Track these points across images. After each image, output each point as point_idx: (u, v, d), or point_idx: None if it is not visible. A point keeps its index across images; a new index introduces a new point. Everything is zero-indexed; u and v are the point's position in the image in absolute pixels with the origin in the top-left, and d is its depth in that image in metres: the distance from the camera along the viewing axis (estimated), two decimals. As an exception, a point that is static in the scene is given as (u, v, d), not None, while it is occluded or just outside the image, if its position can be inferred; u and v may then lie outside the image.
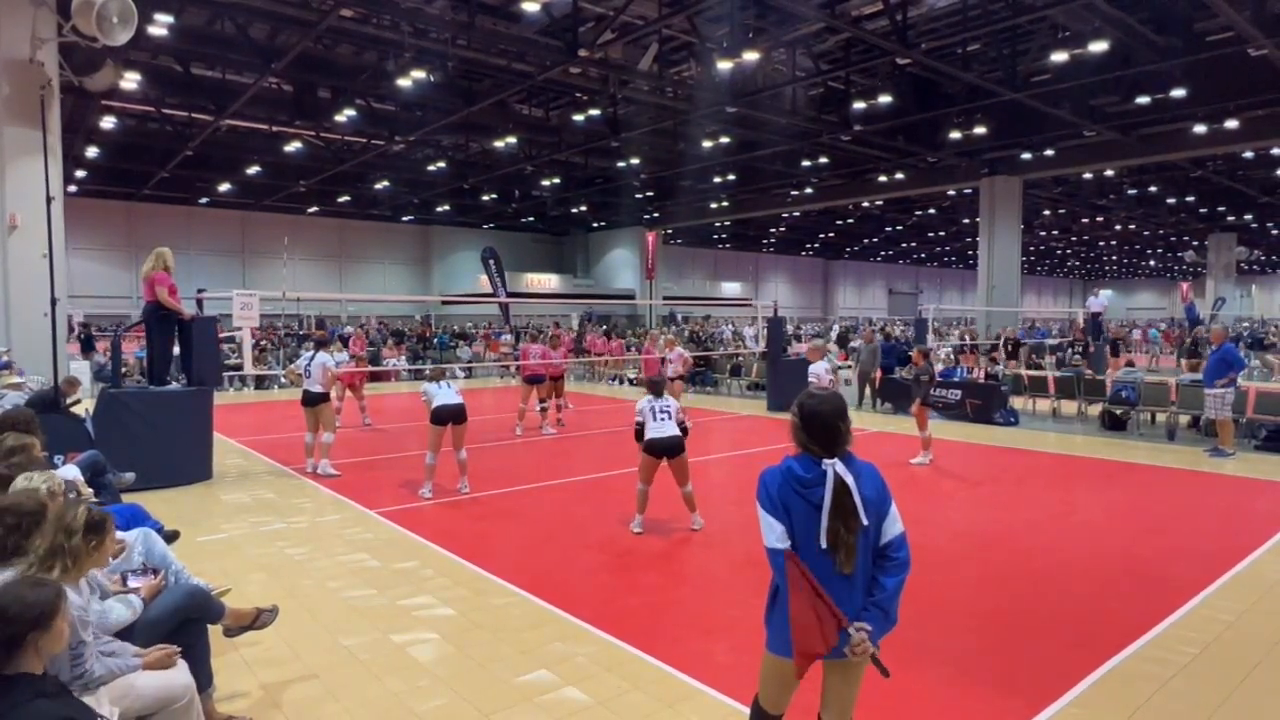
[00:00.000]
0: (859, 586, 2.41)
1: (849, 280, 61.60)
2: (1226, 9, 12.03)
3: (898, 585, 2.41)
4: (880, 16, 14.34)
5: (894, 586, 2.40)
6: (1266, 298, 59.99)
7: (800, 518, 2.40)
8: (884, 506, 2.45)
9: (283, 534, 6.72)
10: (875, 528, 2.43)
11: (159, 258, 8.63)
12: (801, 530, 2.40)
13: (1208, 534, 6.71)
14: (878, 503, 2.43)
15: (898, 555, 2.43)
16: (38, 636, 2.15)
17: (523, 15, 14.59)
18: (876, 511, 2.42)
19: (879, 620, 2.39)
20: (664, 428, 6.44)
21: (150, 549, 3.74)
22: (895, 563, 2.42)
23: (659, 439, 6.42)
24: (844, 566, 2.37)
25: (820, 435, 2.47)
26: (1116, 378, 13.45)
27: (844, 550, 2.37)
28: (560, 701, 3.74)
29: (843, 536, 2.36)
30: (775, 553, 2.41)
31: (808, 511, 2.40)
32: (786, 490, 2.43)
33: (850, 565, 2.38)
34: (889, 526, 2.44)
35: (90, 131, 20.51)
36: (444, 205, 34.42)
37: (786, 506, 2.42)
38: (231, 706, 3.65)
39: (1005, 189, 25.66)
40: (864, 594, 2.42)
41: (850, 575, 2.39)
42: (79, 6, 8.80)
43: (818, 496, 2.39)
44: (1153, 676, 4.01)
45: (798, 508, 2.41)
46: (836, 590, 2.36)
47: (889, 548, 2.43)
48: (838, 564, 2.37)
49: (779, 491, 2.44)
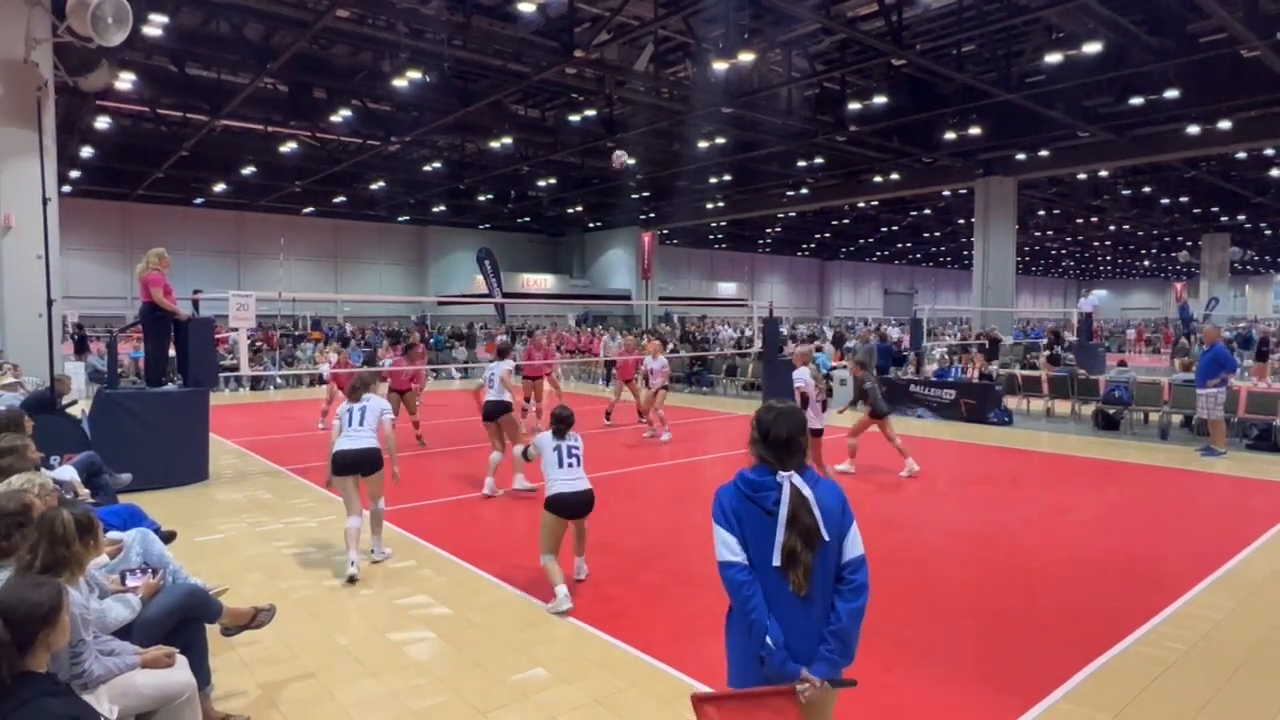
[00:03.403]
0: (816, 611, 2.25)
1: (845, 280, 61.75)
2: (1219, 10, 12.11)
3: (855, 613, 2.23)
4: (875, 17, 14.39)
5: (850, 614, 2.23)
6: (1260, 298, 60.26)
7: (753, 528, 2.27)
8: (845, 522, 2.30)
9: (279, 534, 6.74)
10: (836, 546, 2.27)
11: (153, 258, 8.63)
12: (755, 542, 2.26)
13: (1199, 532, 6.76)
14: (839, 515, 2.29)
15: (854, 578, 2.26)
16: (47, 634, 2.20)
17: (519, 16, 14.61)
18: (838, 525, 2.28)
19: (836, 652, 2.22)
20: (575, 479, 5.05)
21: (148, 549, 3.75)
22: (852, 586, 2.25)
23: (569, 494, 5.00)
24: (800, 588, 2.22)
25: (776, 447, 2.36)
26: (1110, 378, 13.52)
27: (800, 569, 2.22)
28: (557, 700, 3.77)
29: (799, 553, 2.21)
30: (726, 565, 2.26)
31: (760, 520, 2.27)
32: (738, 499, 2.32)
33: (805, 586, 2.22)
34: (848, 546, 2.28)
35: (85, 131, 20.48)
36: (440, 205, 34.43)
37: (739, 516, 2.29)
38: (229, 705, 3.67)
39: (1000, 189, 25.76)
40: (821, 621, 2.24)
41: (805, 597, 2.23)
42: (74, 6, 8.79)
43: (770, 501, 2.27)
44: (1143, 673, 4.06)
45: (750, 516, 2.28)
46: (791, 614, 2.23)
47: (847, 569, 2.27)
48: (793, 584, 2.22)
49: (730, 502, 2.33)
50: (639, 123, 20.55)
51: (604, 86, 18.63)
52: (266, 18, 14.48)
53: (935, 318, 37.04)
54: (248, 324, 9.12)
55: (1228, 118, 19.27)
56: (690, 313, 43.80)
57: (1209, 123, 19.77)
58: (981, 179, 25.78)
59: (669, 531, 6.91)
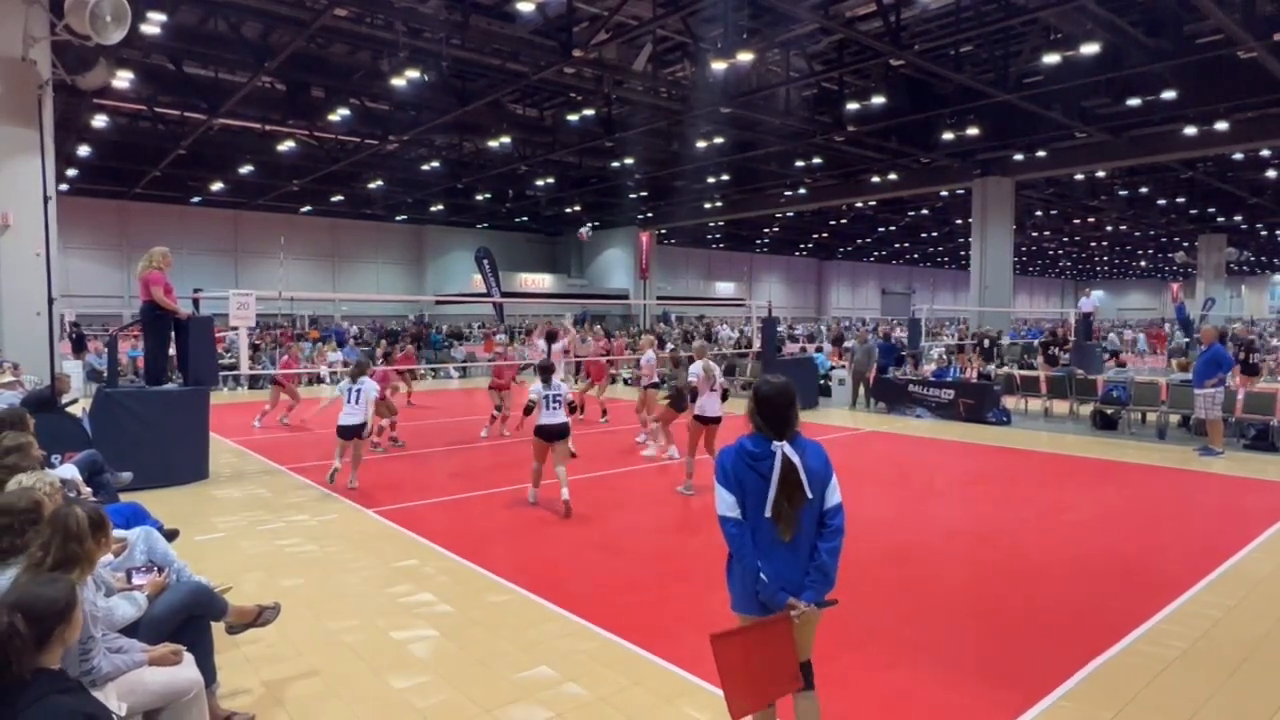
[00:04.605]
0: (801, 552, 2.74)
1: (842, 280, 61.80)
2: (1216, 12, 12.14)
3: (833, 550, 2.74)
4: (874, 18, 14.41)
5: (829, 552, 2.73)
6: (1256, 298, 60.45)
7: (752, 491, 2.72)
8: (827, 478, 2.77)
9: (281, 532, 6.73)
10: (819, 499, 2.75)
11: (153, 257, 8.62)
12: (752, 501, 2.72)
13: (1197, 532, 6.80)
14: (823, 474, 2.76)
15: (833, 522, 2.76)
16: (63, 629, 2.22)
17: (517, 15, 14.60)
18: (821, 483, 2.75)
19: (819, 582, 2.72)
20: (554, 415, 7.37)
21: (152, 547, 3.76)
22: (831, 529, 2.75)
23: (548, 425, 7.37)
24: (784, 534, 2.71)
25: (772, 418, 2.76)
26: (1108, 378, 13.56)
27: (784, 520, 2.69)
28: (561, 697, 3.78)
29: (785, 509, 2.69)
30: (724, 520, 2.76)
31: (758, 484, 2.71)
32: (740, 465, 2.74)
33: (790, 533, 2.71)
34: (829, 495, 2.77)
35: (82, 130, 20.41)
36: (438, 205, 34.39)
37: (740, 480, 2.73)
38: (234, 703, 3.68)
39: (997, 190, 25.81)
40: (806, 559, 2.73)
41: (790, 542, 2.72)
42: (72, 5, 8.78)
43: (766, 469, 2.70)
44: (1143, 671, 4.08)
45: (750, 481, 2.72)
46: (779, 554, 2.72)
47: (827, 515, 2.76)
48: (779, 532, 2.71)
49: (733, 467, 2.76)
50: (637, 122, 20.55)
51: (602, 86, 18.62)
52: (264, 16, 14.45)
53: (933, 318, 37.09)
54: (248, 323, 9.12)
55: (1225, 119, 19.31)
56: (688, 312, 43.82)
57: (1206, 123, 19.81)
58: (979, 179, 25.82)
59: (670, 531, 6.92)
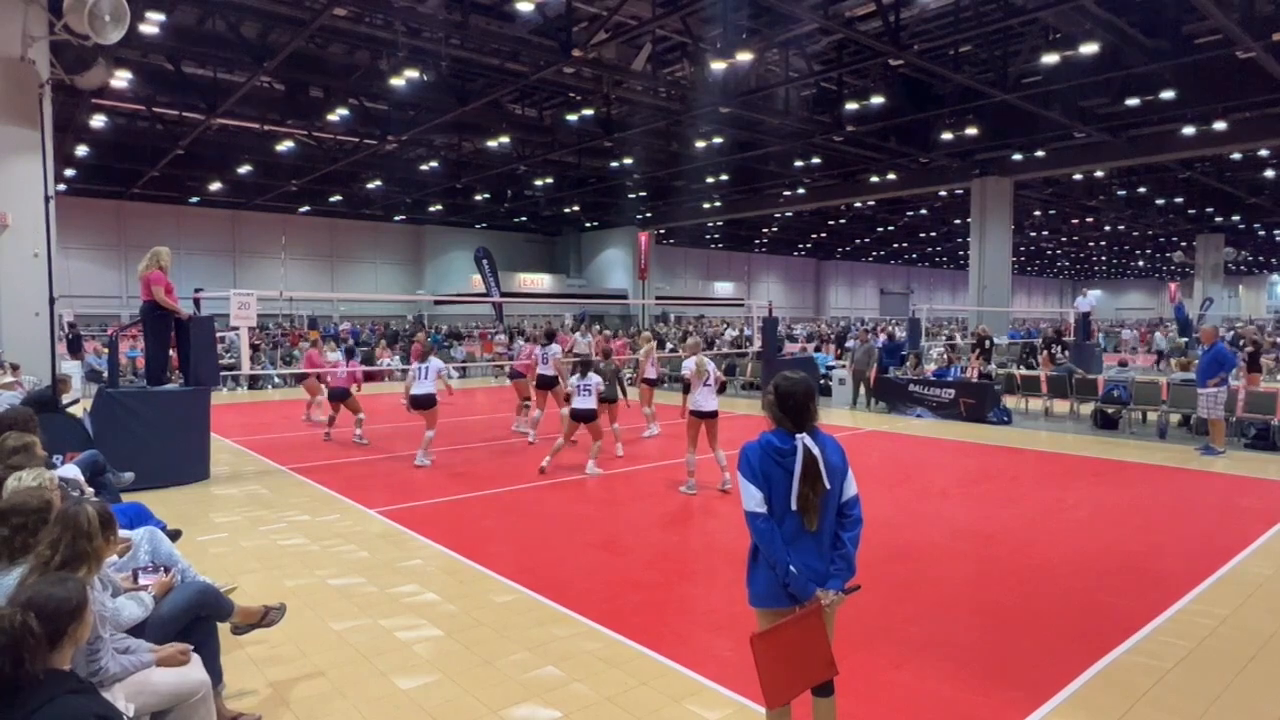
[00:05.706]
0: (825, 540, 2.85)
1: (841, 280, 61.83)
2: (1215, 12, 12.16)
3: (854, 539, 2.87)
4: (873, 18, 14.41)
5: (851, 540, 2.86)
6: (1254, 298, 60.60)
7: (778, 484, 2.81)
8: (844, 472, 2.89)
9: (283, 533, 6.72)
10: (838, 489, 2.86)
11: (154, 257, 8.59)
12: (778, 494, 2.81)
13: (1199, 531, 6.80)
14: (841, 468, 2.87)
15: (852, 513, 2.89)
16: (75, 628, 2.22)
17: (516, 15, 14.59)
18: (840, 475, 2.87)
19: (844, 570, 2.84)
20: (585, 401, 8.88)
21: (157, 547, 3.74)
22: (851, 519, 2.88)
23: (579, 409, 8.93)
24: (809, 524, 2.80)
25: (793, 412, 2.85)
26: (1109, 377, 13.57)
27: (810, 511, 2.79)
28: (568, 697, 3.77)
29: (810, 499, 2.79)
30: (753, 515, 2.82)
31: (783, 478, 2.80)
32: (767, 461, 2.81)
33: (814, 523, 2.81)
34: (847, 488, 2.89)
35: (80, 130, 20.36)
36: (437, 205, 34.34)
37: (767, 475, 2.81)
38: (240, 704, 3.66)
39: (996, 190, 25.83)
40: (829, 546, 2.85)
41: (815, 532, 2.82)
42: (71, 4, 8.75)
43: (792, 464, 2.79)
44: (1149, 670, 4.08)
45: (776, 476, 2.81)
46: (804, 545, 2.81)
47: (846, 506, 2.88)
48: (805, 522, 2.80)
49: (760, 462, 2.82)
50: (637, 122, 20.53)
51: (602, 86, 18.62)
52: (263, 16, 14.43)
53: (932, 318, 37.11)
54: (249, 323, 9.10)
55: (1223, 119, 19.34)
56: (687, 312, 43.80)
57: (1204, 124, 19.84)
58: (978, 179, 25.85)
59: (673, 530, 6.91)
